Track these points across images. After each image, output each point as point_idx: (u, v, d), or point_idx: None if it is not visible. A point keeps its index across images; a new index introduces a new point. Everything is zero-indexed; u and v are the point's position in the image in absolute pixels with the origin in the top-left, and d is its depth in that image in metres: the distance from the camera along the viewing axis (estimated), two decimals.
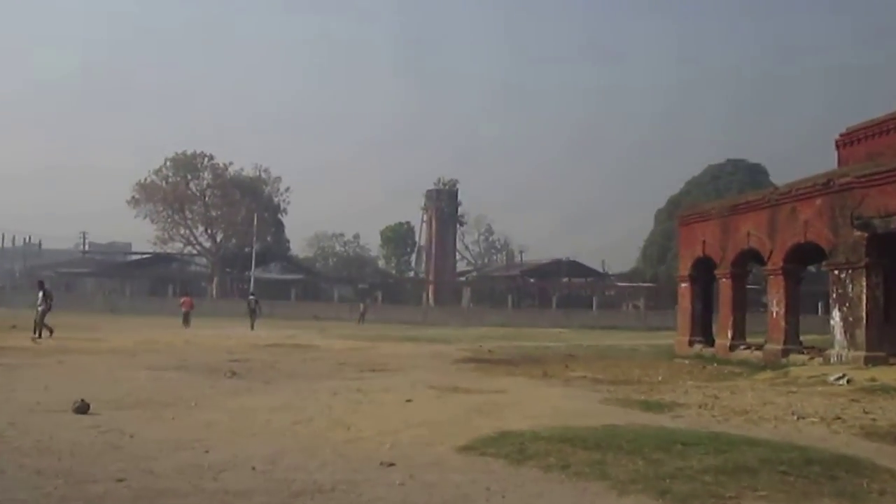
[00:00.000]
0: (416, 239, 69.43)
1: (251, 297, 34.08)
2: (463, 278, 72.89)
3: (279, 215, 60.27)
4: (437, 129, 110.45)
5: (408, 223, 69.53)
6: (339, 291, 54.99)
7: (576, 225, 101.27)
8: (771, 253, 16.17)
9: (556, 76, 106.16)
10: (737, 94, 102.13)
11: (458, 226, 69.34)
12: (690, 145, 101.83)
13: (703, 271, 19.53)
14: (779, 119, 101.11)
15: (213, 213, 56.30)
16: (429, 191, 66.46)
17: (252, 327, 30.54)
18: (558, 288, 62.38)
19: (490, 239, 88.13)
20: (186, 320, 30.48)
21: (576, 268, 60.34)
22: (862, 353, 13.10)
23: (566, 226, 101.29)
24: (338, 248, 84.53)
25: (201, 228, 56.55)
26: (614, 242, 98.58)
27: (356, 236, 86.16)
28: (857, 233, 13.59)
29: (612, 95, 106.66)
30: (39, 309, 19.47)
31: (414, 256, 70.64)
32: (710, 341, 19.21)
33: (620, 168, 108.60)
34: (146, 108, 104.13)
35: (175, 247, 57.34)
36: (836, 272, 14.01)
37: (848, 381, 11.05)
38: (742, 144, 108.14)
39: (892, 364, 12.46)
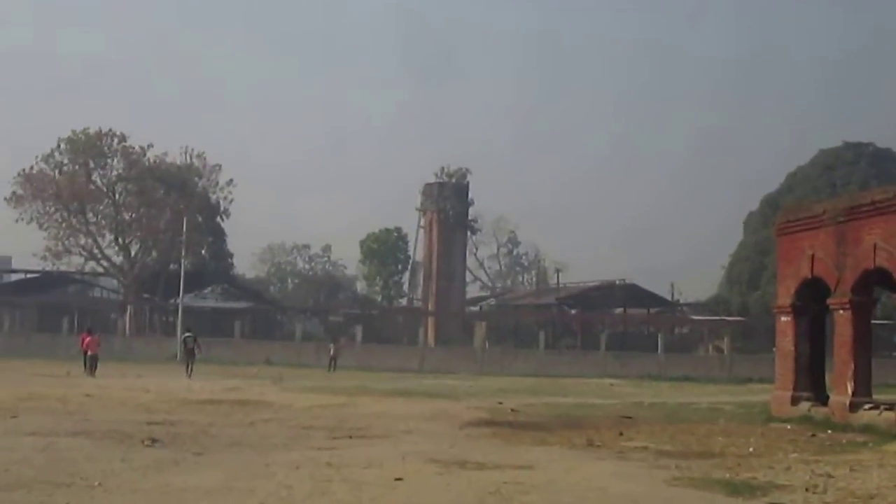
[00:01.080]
0: (411, 252, 69.88)
1: (188, 335, 34.35)
2: (476, 307, 73.47)
3: (219, 219, 60.66)
4: (445, 115, 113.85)
5: (398, 230, 69.89)
6: (303, 326, 55.11)
7: (634, 235, 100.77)
8: None
9: (602, 47, 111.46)
10: (847, 64, 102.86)
11: (468, 233, 69.77)
12: (789, 126, 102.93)
13: (812, 299, 19.45)
14: None
15: (127, 216, 56.19)
16: (428, 185, 66.84)
17: (190, 374, 31.15)
18: (609, 322, 62.58)
19: (515, 253, 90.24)
20: (90, 366, 30.64)
21: (634, 294, 60.35)
22: None
23: (620, 236, 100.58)
24: (301, 265, 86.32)
25: (109, 237, 56.04)
26: (688, 259, 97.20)
27: (326, 249, 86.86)
28: None
29: (671, 67, 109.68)
30: None
31: (407, 277, 70.98)
32: (821, 398, 19.17)
33: (693, 159, 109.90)
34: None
35: (73, 262, 56.95)
36: None
37: None
38: (860, 125, 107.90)
39: None
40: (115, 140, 55.61)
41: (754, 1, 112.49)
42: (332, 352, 43.30)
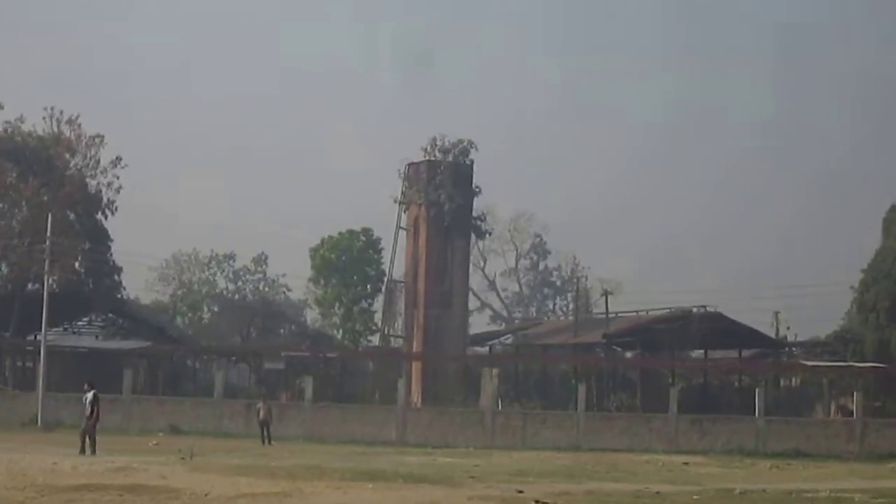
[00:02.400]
0: (386, 266, 69.74)
1: (89, 391, 34.35)
2: (484, 348, 73.49)
3: (101, 216, 60.98)
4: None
5: (368, 233, 69.96)
6: (226, 376, 54.95)
7: (713, 242, 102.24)
8: None
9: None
10: None
11: (472, 238, 70.39)
12: None
13: None
14: None
15: None
16: (412, 166, 67.19)
17: (93, 449, 31.93)
18: (684, 371, 62.67)
19: (542, 267, 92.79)
20: None
21: (720, 329, 60.08)
22: None
23: (694, 241, 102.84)
24: (222, 284, 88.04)
25: None
26: (794, 275, 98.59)
27: (260, 260, 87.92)
28: None
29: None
30: None
31: (381, 302, 70.94)
32: None
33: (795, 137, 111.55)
34: None
35: None
36: None
37: None
38: None
39: None
40: None
41: None
42: (260, 414, 43.26)
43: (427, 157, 66.74)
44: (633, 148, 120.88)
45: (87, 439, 32.70)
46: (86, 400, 34.17)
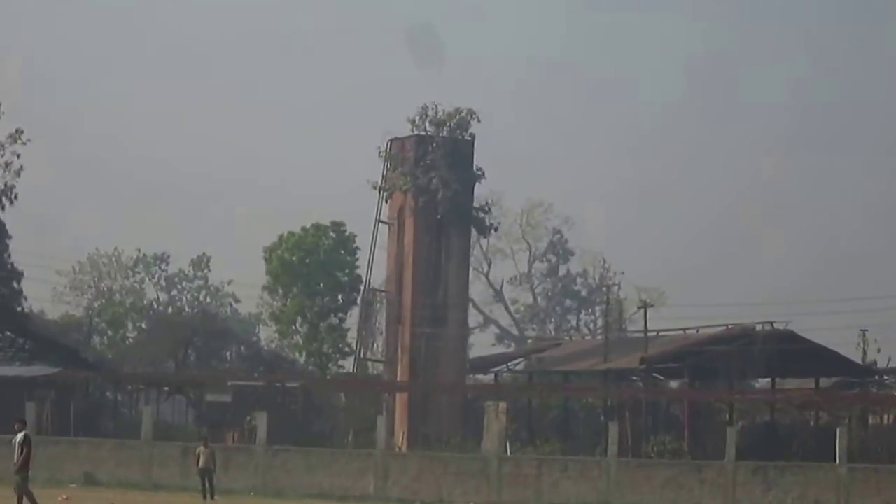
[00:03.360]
0: (364, 272, 70.24)
1: (20, 431, 34.17)
2: (489, 374, 73.49)
3: None
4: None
5: (340, 228, 70.11)
6: (157, 411, 55.08)
7: (776, 237, 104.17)
8: None
9: None
10: None
11: (473, 234, 71.10)
12: None
13: None
14: None
15: None
16: (396, 142, 67.65)
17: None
18: (744, 406, 62.48)
19: (563, 272, 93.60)
20: None
21: (789, 350, 60.11)
22: None
23: (754, 236, 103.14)
24: (152, 294, 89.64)
25: None
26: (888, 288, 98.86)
27: (200, 263, 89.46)
28: None
29: None
30: None
31: (356, 317, 71.35)
32: None
33: None
34: None
35: None
36: None
37: None
38: None
39: None
40: None
41: None
42: (200, 461, 43.04)
43: (415, 131, 66.96)
44: (668, 124, 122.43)
45: (26, 498, 32.19)
46: (15, 442, 33.87)
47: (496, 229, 75.39)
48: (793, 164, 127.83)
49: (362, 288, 69.35)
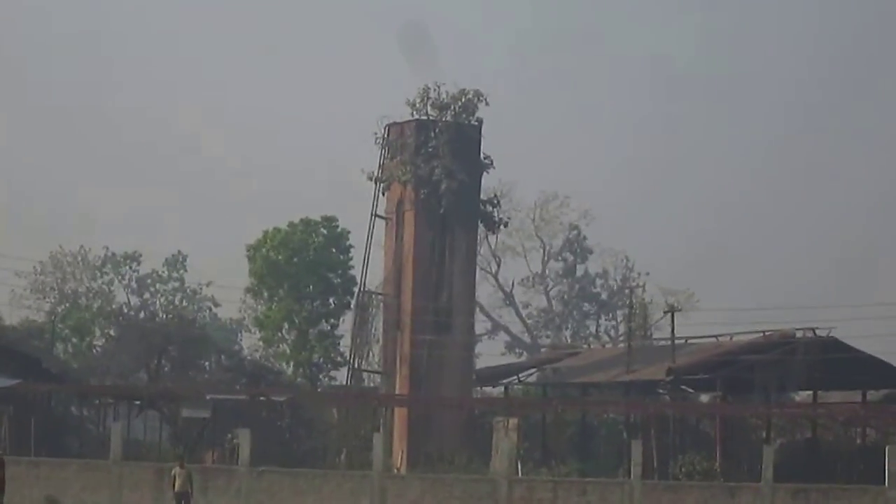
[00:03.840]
0: (358, 272, 70.86)
1: None
2: (498, 387, 74.03)
3: None
4: None
5: (332, 223, 70.45)
6: (128, 427, 55.24)
7: (819, 234, 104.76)
8: None
9: None
10: None
11: (481, 231, 71.95)
12: None
13: None
14: None
15: None
16: (395, 127, 68.09)
17: None
18: (783, 422, 62.67)
19: (581, 273, 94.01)
20: None
21: (834, 360, 60.03)
22: None
23: (792, 234, 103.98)
24: (122, 297, 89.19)
25: None
26: None
27: (176, 262, 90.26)
28: None
29: None
30: None
31: (350, 322, 71.70)
32: None
33: None
34: None
35: None
36: None
37: None
38: None
39: None
40: None
41: None
42: (175, 483, 43.45)
43: (416, 116, 67.34)
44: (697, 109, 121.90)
45: None
46: None
47: (506, 224, 76.09)
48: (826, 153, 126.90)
49: (357, 290, 69.62)
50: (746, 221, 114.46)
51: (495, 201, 70.15)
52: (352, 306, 69.82)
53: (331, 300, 69.62)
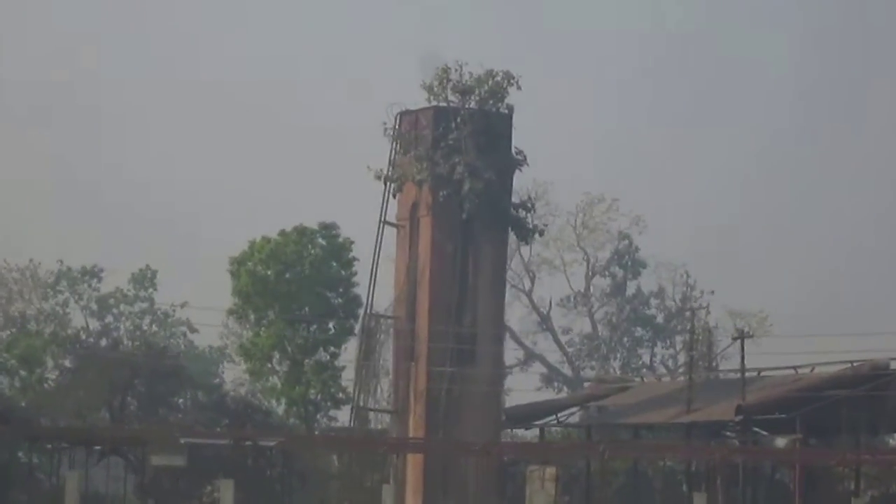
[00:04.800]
0: (365, 291, 72.05)
1: None
2: (532, 429, 74.98)
3: None
4: None
5: (331, 231, 71.74)
6: (87, 478, 56.62)
7: None
8: None
9: None
10: None
11: (512, 240, 73.71)
12: None
13: None
14: None
15: None
16: (404, 115, 69.99)
17: None
18: (877, 473, 63.46)
19: (633, 291, 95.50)
20: None
21: None
22: None
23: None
24: (79, 321, 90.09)
25: None
26: None
27: (144, 279, 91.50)
28: None
29: None
30: None
31: (355, 350, 73.07)
32: None
33: None
34: None
35: None
36: None
37: None
38: None
39: None
40: None
41: None
42: None
43: (433, 102, 69.17)
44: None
45: None
46: None
47: (542, 233, 77.47)
48: None
49: (362, 312, 70.54)
50: (829, 231, 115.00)
51: (529, 205, 71.66)
52: (356, 332, 70.49)
53: (330, 324, 70.11)
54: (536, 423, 74.82)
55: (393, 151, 69.19)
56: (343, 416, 71.00)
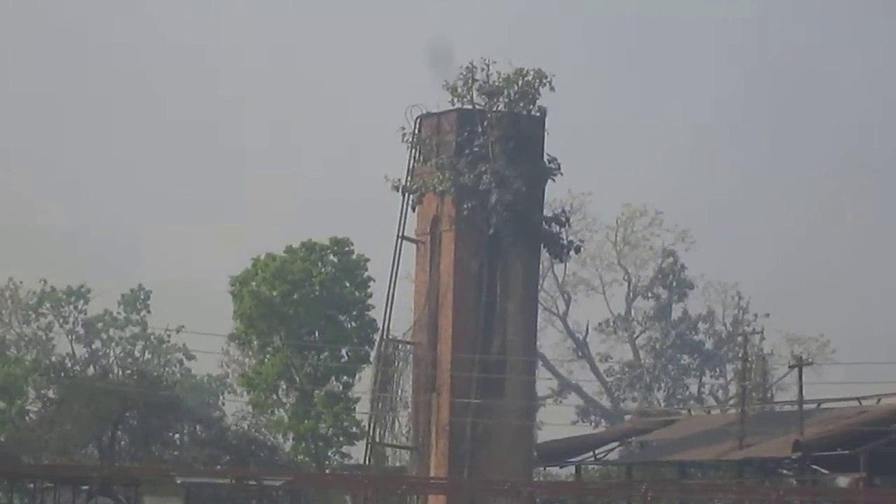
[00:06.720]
0: (380, 314, 71.12)
1: None
2: (567, 467, 75.24)
3: None
4: None
5: (343, 247, 70.76)
6: None
7: None
8: None
9: None
10: None
11: (541, 254, 71.90)
12: None
13: None
14: None
15: None
16: (425, 119, 69.17)
17: None
18: None
19: (680, 314, 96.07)
20: None
21: None
22: None
23: None
24: (64, 347, 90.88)
25: None
26: None
27: (136, 301, 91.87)
28: None
29: None
30: None
31: (370, 379, 71.86)
32: None
33: None
34: None
35: None
36: None
37: None
38: None
39: None
40: None
41: None
42: None
43: (457, 104, 67.45)
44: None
45: None
46: None
47: (578, 250, 76.44)
48: None
49: (378, 338, 69.72)
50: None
51: (563, 218, 70.48)
52: (371, 359, 69.91)
53: (343, 351, 69.78)
54: (572, 460, 74.33)
55: (412, 159, 68.12)
56: (357, 453, 70.14)
